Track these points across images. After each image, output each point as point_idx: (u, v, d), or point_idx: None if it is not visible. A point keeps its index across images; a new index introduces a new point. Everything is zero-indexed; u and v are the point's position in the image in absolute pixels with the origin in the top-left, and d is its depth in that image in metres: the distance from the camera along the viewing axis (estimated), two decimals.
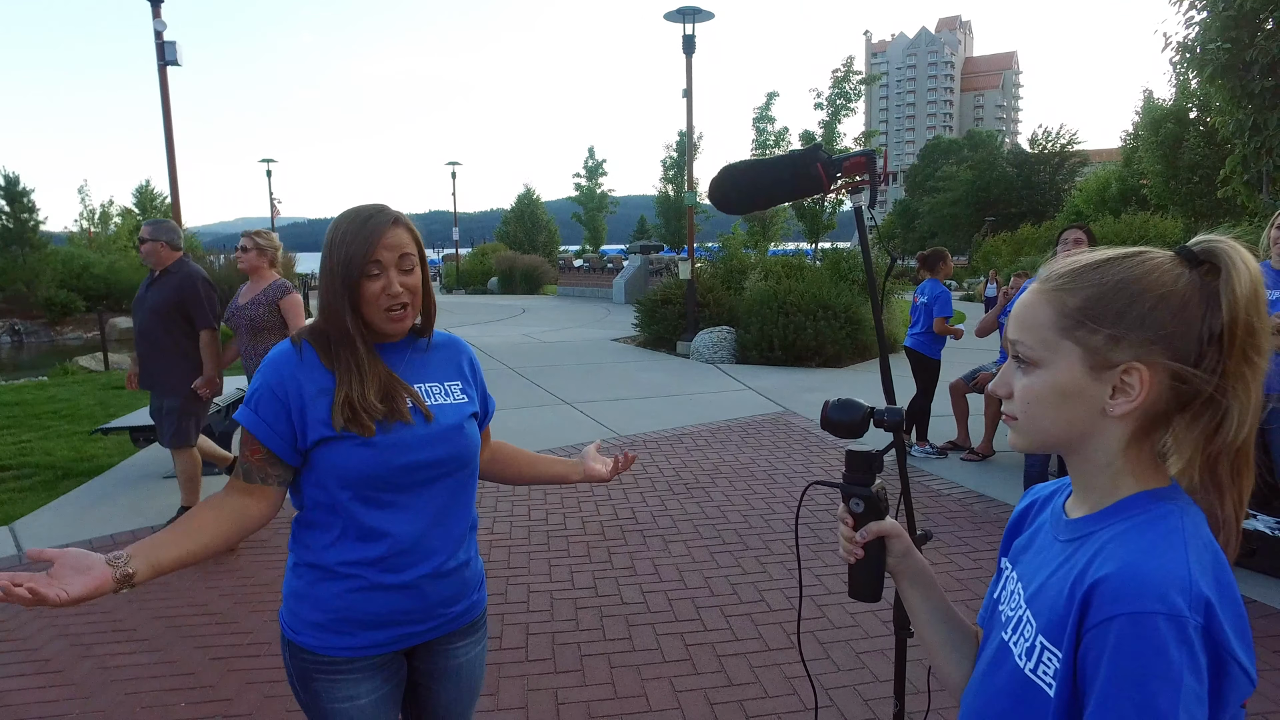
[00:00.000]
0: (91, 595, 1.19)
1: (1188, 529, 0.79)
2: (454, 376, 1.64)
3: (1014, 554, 0.99)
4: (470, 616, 1.65)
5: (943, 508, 5.01)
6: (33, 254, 29.75)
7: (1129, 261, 0.83)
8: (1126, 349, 0.81)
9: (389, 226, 1.48)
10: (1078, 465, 0.89)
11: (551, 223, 47.17)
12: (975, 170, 46.75)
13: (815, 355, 10.99)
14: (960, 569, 4.02)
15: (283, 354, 1.49)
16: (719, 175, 1.45)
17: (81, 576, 1.19)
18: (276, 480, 1.48)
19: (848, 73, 18.43)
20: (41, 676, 3.22)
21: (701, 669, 3.10)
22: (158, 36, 9.34)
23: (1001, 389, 0.91)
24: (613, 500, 5.20)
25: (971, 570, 4.01)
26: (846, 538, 1.09)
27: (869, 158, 1.29)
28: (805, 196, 1.36)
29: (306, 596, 1.50)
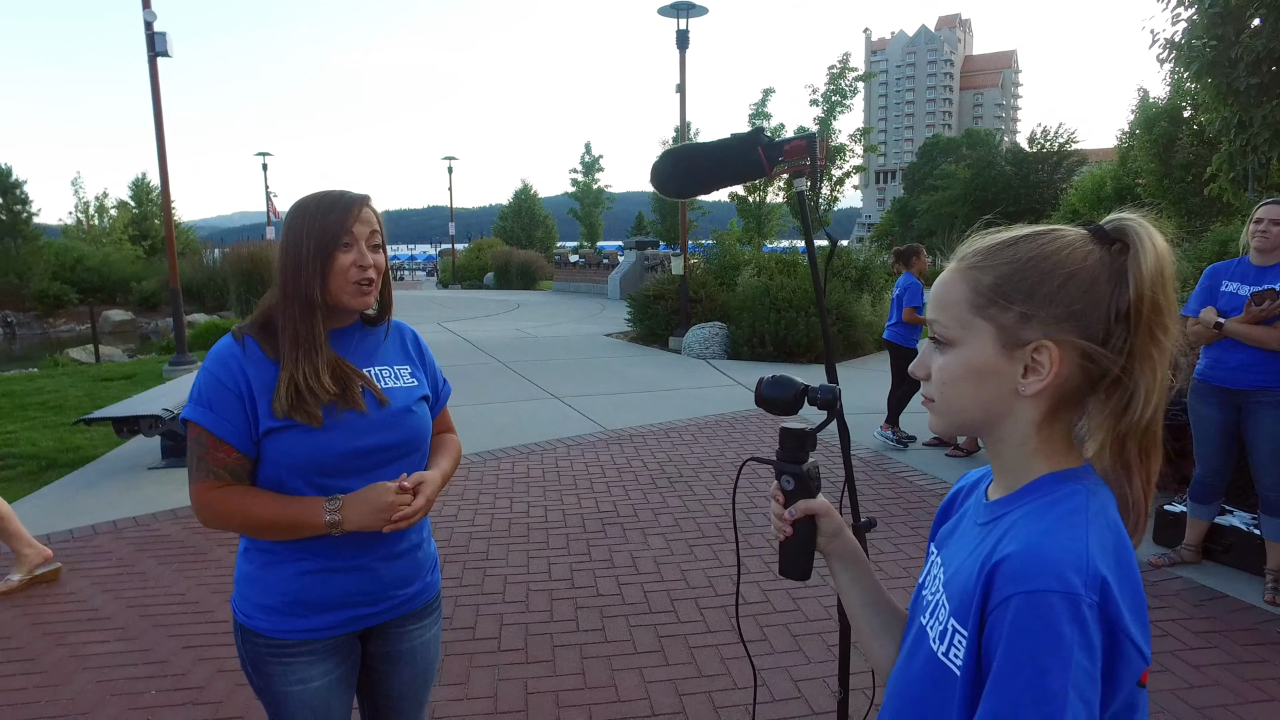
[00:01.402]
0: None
1: (1091, 509, 0.79)
2: (402, 360, 1.64)
3: (940, 539, 0.99)
4: (424, 599, 1.65)
5: (925, 503, 5.02)
6: (25, 246, 29.66)
7: (1041, 239, 0.83)
8: (1037, 327, 0.80)
9: (363, 204, 1.49)
10: (994, 446, 0.89)
11: (549, 218, 47.18)
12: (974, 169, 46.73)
13: (806, 351, 10.99)
14: None
15: (226, 348, 1.48)
16: (660, 159, 1.44)
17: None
18: (248, 476, 1.48)
19: (843, 69, 18.40)
20: (13, 664, 3.21)
21: (672, 660, 3.10)
22: (148, 28, 9.30)
23: (920, 370, 0.91)
24: (595, 493, 5.20)
25: None
26: (777, 515, 1.09)
27: (809, 141, 1.29)
28: (747, 180, 1.36)
29: (257, 580, 1.50)
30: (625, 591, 3.73)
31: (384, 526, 1.42)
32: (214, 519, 1.45)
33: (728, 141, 1.35)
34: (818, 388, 1.09)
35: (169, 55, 9.34)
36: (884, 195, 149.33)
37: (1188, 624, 3.38)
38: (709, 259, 14.80)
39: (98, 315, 16.49)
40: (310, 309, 1.46)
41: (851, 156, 19.22)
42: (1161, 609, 3.51)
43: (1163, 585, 3.75)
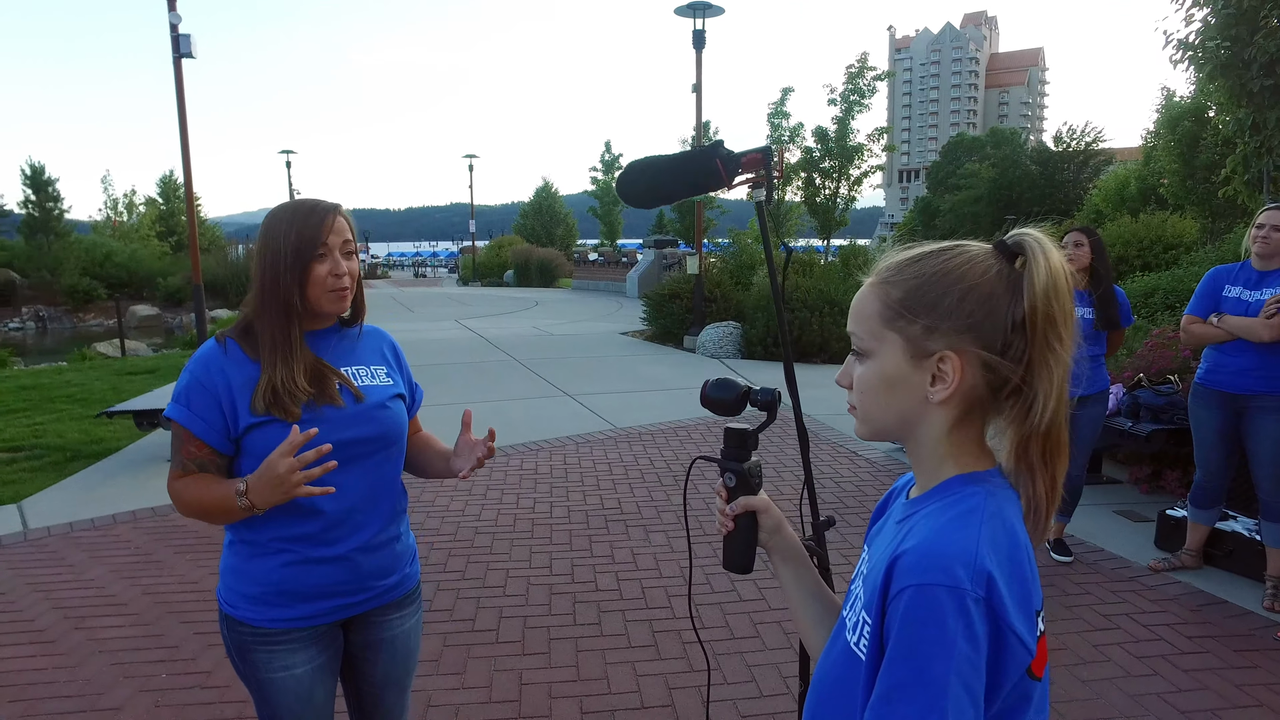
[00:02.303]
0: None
1: (988, 509, 0.84)
2: (378, 361, 1.73)
3: (869, 538, 1.06)
4: (403, 589, 1.73)
5: None
6: (57, 242, 30.26)
7: (945, 255, 0.89)
8: (940, 338, 0.86)
9: (334, 214, 1.58)
10: (912, 450, 0.94)
11: (569, 216, 47.30)
12: (998, 168, 46.28)
13: (820, 351, 11.00)
14: None
15: (208, 351, 1.58)
16: (624, 171, 1.52)
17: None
18: (217, 469, 1.56)
19: (862, 68, 18.34)
20: (34, 646, 3.35)
21: (665, 655, 3.17)
22: (173, 30, 9.50)
23: (842, 380, 0.97)
24: (600, 490, 5.28)
25: None
26: (720, 510, 1.16)
27: (765, 153, 1.35)
28: (707, 191, 1.42)
29: (242, 571, 1.58)
30: (624, 587, 3.80)
31: (294, 492, 1.43)
32: (179, 504, 1.56)
33: (688, 154, 1.42)
34: (759, 390, 1.16)
35: (193, 56, 9.53)
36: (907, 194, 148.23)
37: (1182, 629, 3.39)
38: (724, 258, 14.84)
39: (124, 310, 16.83)
40: (288, 315, 1.55)
41: (870, 156, 19.15)
42: (1158, 613, 3.53)
43: (1161, 590, 3.76)
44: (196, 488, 1.52)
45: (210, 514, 1.52)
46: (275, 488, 1.42)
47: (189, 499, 1.53)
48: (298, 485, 1.43)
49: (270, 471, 1.42)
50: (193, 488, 1.53)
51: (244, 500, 1.45)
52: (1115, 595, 3.71)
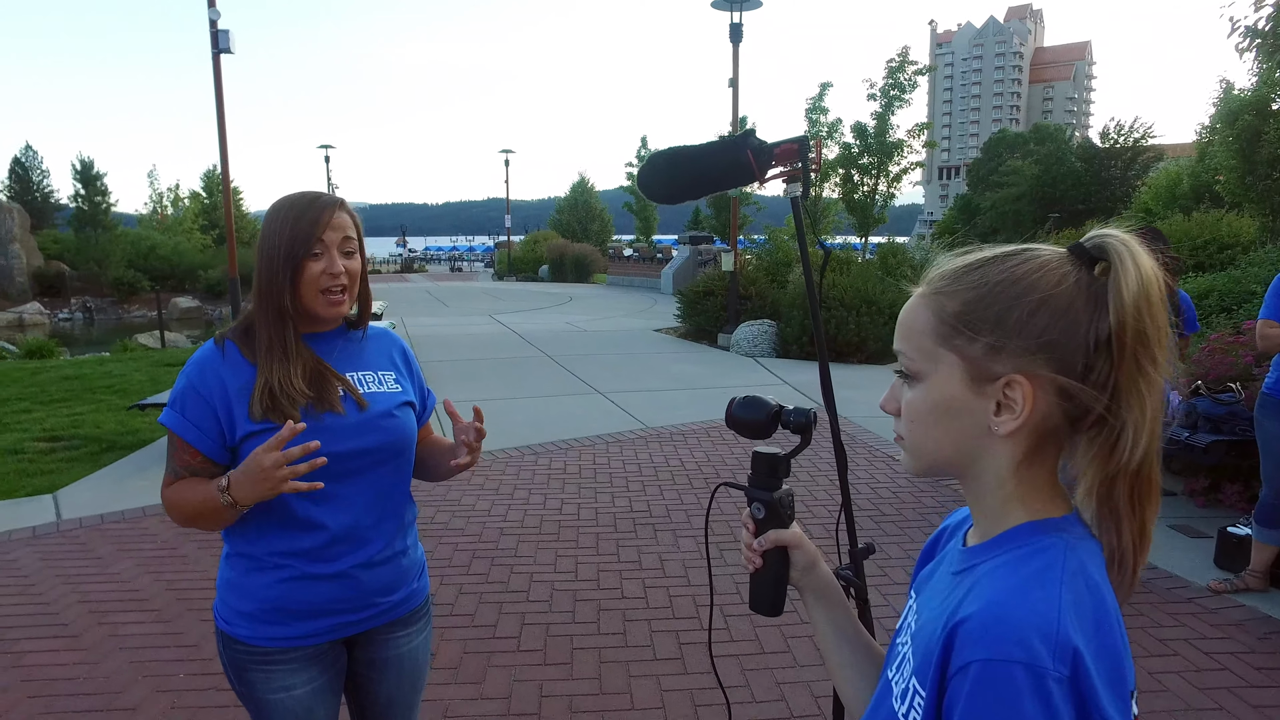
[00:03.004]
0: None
1: (1068, 566, 0.70)
2: (387, 366, 1.62)
3: (918, 583, 0.91)
4: (410, 605, 1.63)
5: None
6: (104, 235, 30.96)
7: (1012, 260, 0.75)
8: (1007, 359, 0.72)
9: (334, 209, 1.47)
10: (970, 489, 0.81)
11: (605, 211, 47.23)
12: (1041, 165, 45.29)
13: (857, 351, 10.77)
14: None
15: (205, 353, 1.48)
16: (645, 163, 1.38)
17: None
18: (211, 478, 1.47)
19: (902, 62, 17.94)
20: (58, 640, 3.34)
21: (691, 668, 3.05)
22: (212, 25, 9.58)
23: (889, 405, 0.84)
24: (629, 492, 5.17)
25: None
26: (746, 544, 1.03)
27: (800, 144, 1.21)
28: (736, 186, 1.29)
29: (238, 586, 1.49)
30: (650, 595, 3.68)
31: (280, 488, 1.34)
32: (170, 511, 1.47)
33: (715, 145, 1.28)
34: (792, 410, 1.03)
35: (231, 52, 9.60)
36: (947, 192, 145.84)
37: (1248, 658, 3.17)
38: (760, 255, 14.63)
39: (166, 302, 17.13)
40: (281, 316, 1.46)
41: (909, 152, 18.74)
42: (1221, 640, 3.31)
43: (1223, 614, 3.54)
44: (184, 490, 1.44)
45: (200, 516, 1.43)
46: (259, 482, 1.32)
47: (178, 502, 1.45)
48: (283, 481, 1.32)
49: (254, 464, 1.32)
50: (181, 491, 1.45)
51: (226, 496, 1.36)
52: (1172, 618, 3.49)
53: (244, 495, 1.35)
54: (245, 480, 1.34)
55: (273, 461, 1.31)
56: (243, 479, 1.34)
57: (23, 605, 3.65)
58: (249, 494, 1.35)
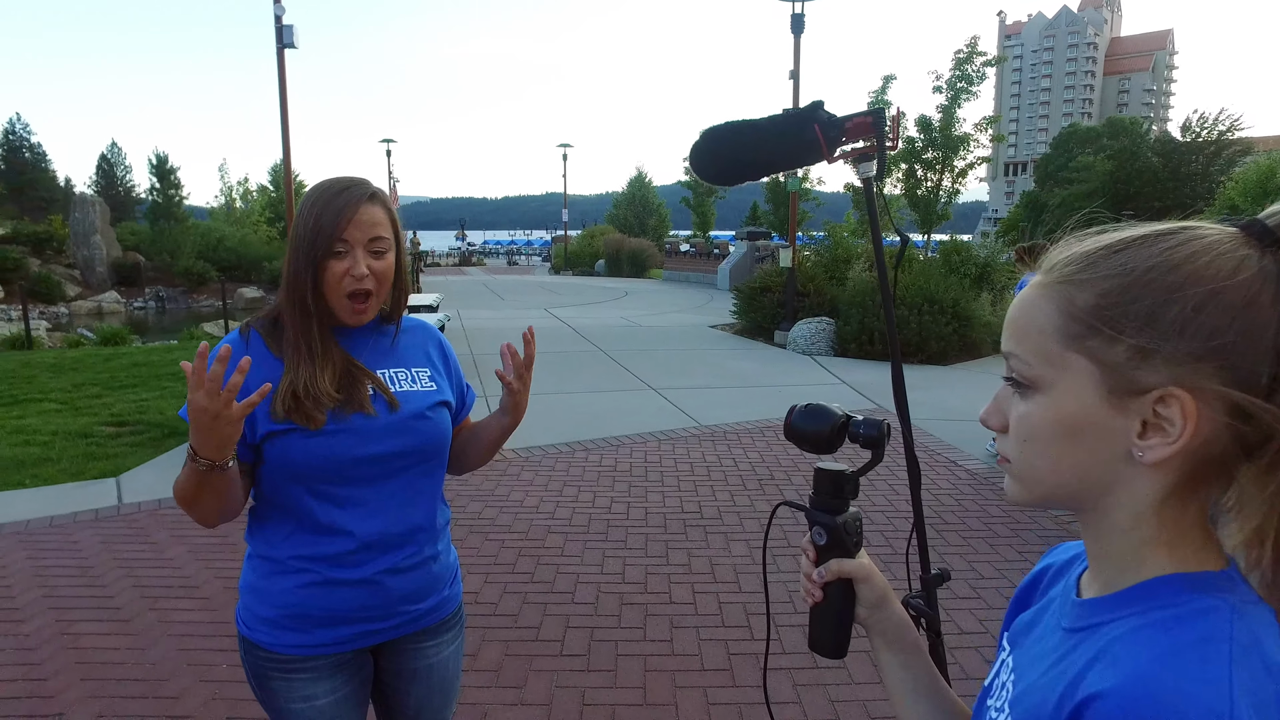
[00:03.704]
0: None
1: (1238, 637, 0.54)
2: (422, 363, 1.52)
3: (1015, 633, 0.75)
4: (440, 614, 1.53)
5: (1035, 524, 4.60)
6: (177, 227, 32.06)
7: (1166, 241, 0.58)
8: (1161, 367, 0.56)
9: (362, 202, 1.36)
10: (1093, 527, 0.64)
11: (662, 207, 47.08)
12: (1115, 160, 43.60)
13: (918, 351, 10.44)
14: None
15: (229, 343, 1.40)
16: (699, 139, 1.24)
17: None
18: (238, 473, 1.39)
19: (971, 53, 17.36)
20: (110, 624, 3.37)
21: (741, 681, 2.91)
22: (277, 21, 9.75)
23: (993, 419, 0.68)
24: (680, 492, 5.04)
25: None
26: (805, 574, 0.89)
27: (875, 118, 1.06)
28: (801, 165, 1.15)
29: (259, 591, 1.42)
30: (699, 601, 3.55)
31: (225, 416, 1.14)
32: (178, 502, 1.34)
33: (779, 118, 1.13)
34: (861, 421, 0.89)
35: (295, 47, 9.75)
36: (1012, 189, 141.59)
37: None
38: (819, 251, 14.33)
39: (232, 292, 17.60)
40: (306, 313, 1.36)
41: (976, 147, 18.13)
42: None
43: None
44: (184, 484, 1.29)
45: (196, 497, 1.27)
46: (204, 426, 1.14)
47: (179, 491, 1.30)
48: (225, 407, 1.13)
49: (191, 408, 1.14)
50: (182, 485, 1.29)
51: (190, 456, 1.21)
52: None
53: (200, 443, 1.18)
54: (194, 429, 1.17)
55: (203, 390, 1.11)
56: (193, 430, 1.18)
57: (81, 587, 3.71)
58: (204, 441, 1.17)
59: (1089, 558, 0.67)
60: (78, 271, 28.14)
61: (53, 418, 7.02)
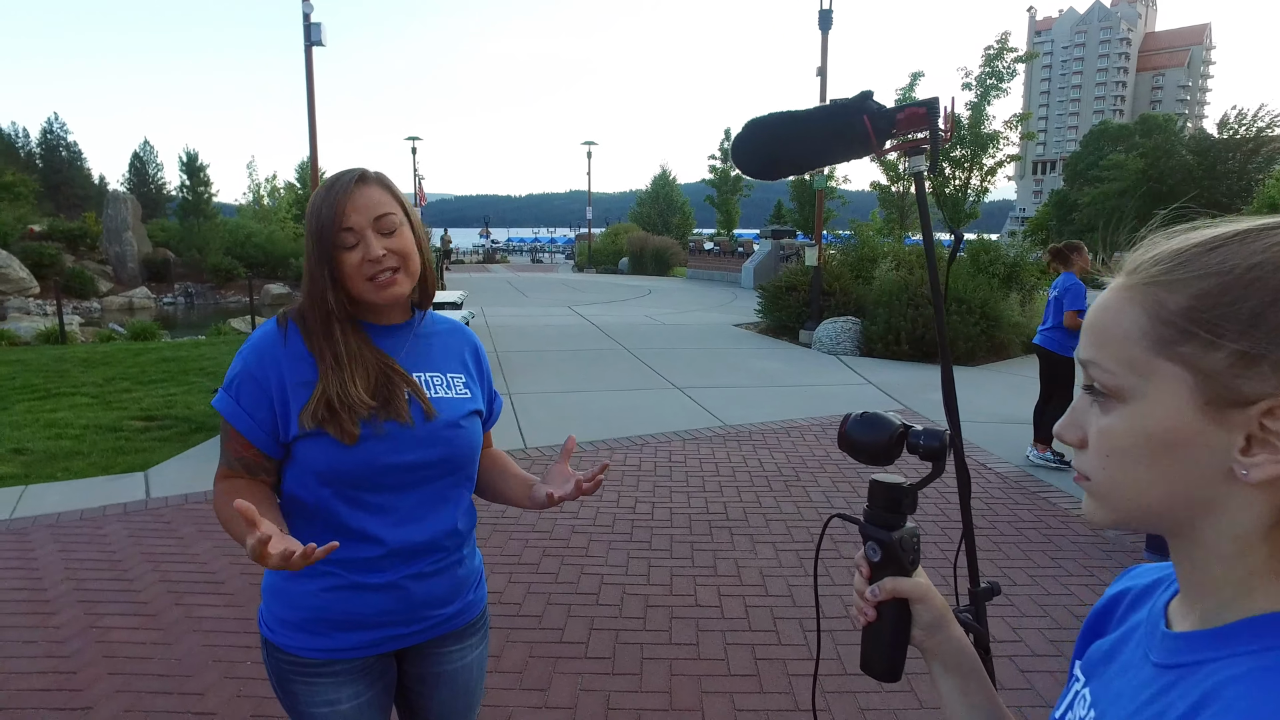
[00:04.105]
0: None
1: None
2: (457, 368, 1.48)
3: (1090, 662, 0.69)
4: (465, 618, 1.50)
5: (1069, 530, 4.50)
6: (206, 224, 32.45)
7: (1266, 237, 0.53)
8: (1269, 375, 0.51)
9: (355, 187, 1.32)
10: (1187, 553, 0.58)
11: (686, 205, 46.98)
12: (1147, 158, 42.84)
13: None
14: (1082, 604, 3.57)
15: (266, 335, 1.36)
16: (741, 131, 1.18)
17: None
18: (265, 472, 1.37)
19: (1001, 49, 17.12)
20: (137, 618, 3.39)
21: (768, 687, 2.86)
22: (305, 19, 9.80)
23: (1071, 433, 0.61)
24: (705, 492, 4.99)
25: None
26: (858, 591, 0.84)
27: (928, 110, 1.00)
28: (848, 159, 1.09)
29: (281, 592, 1.39)
30: (725, 604, 3.50)
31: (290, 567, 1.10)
32: (215, 509, 1.36)
33: (826, 110, 1.07)
34: (921, 432, 0.83)
35: (323, 44, 9.81)
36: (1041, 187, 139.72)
37: None
38: (844, 250, 14.19)
39: (258, 289, 17.77)
40: (328, 314, 1.33)
41: (1006, 144, 17.88)
42: None
43: None
44: (229, 496, 1.29)
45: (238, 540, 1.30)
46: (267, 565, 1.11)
47: (221, 507, 1.32)
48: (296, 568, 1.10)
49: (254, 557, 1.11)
50: (227, 494, 1.31)
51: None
52: None
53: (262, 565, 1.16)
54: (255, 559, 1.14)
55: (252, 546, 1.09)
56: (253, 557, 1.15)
57: (110, 581, 3.73)
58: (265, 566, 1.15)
59: (1182, 585, 0.61)
60: (110, 267, 28.59)
61: (84, 411, 7.11)
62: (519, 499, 1.50)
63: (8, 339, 13.39)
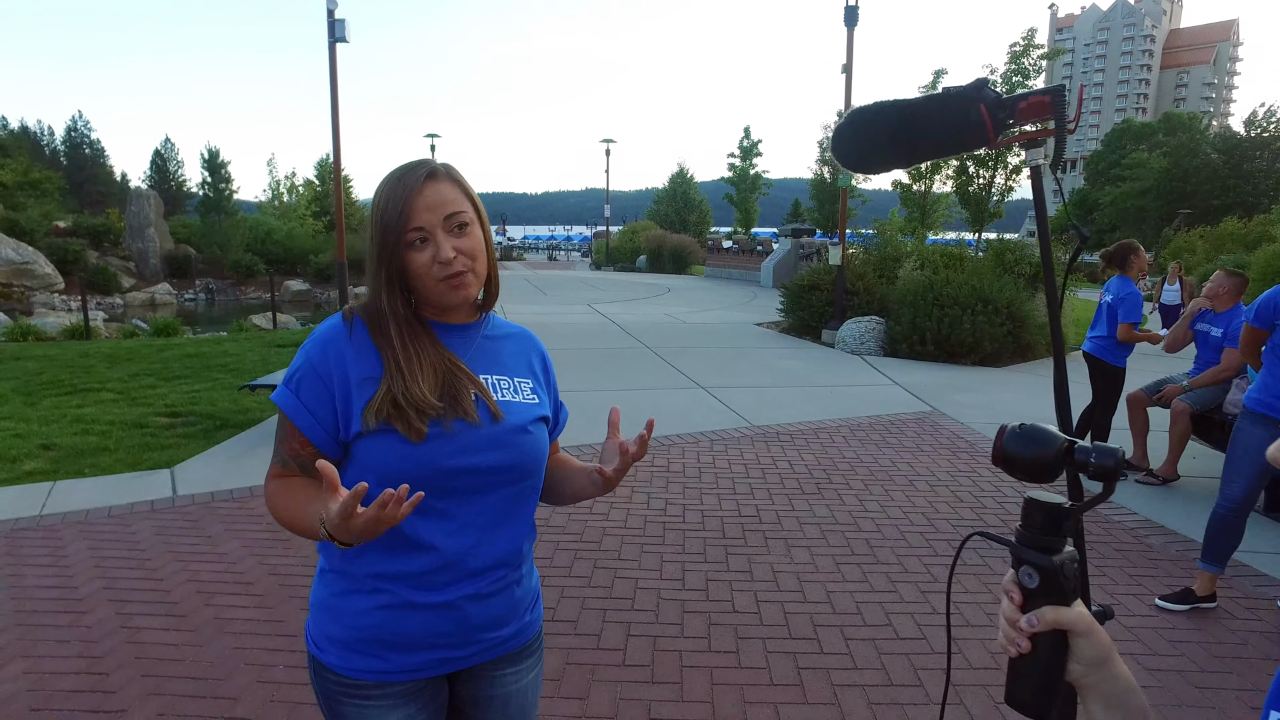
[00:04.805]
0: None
1: None
2: (524, 373, 1.42)
3: None
4: (521, 640, 1.43)
5: (1112, 537, 4.39)
6: (226, 220, 32.68)
7: None
8: None
9: (424, 183, 1.24)
10: None
11: (704, 203, 46.86)
12: (1171, 157, 42.25)
13: (971, 352, 10.17)
14: (1130, 614, 3.46)
15: (331, 329, 1.30)
16: (844, 122, 1.10)
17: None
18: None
19: (1027, 47, 16.93)
20: (169, 619, 3.35)
21: (813, 698, 2.78)
22: (329, 15, 9.79)
23: None
24: (736, 494, 4.91)
25: (1145, 619, 3.43)
26: (1009, 619, 0.77)
27: (1054, 97, 0.92)
28: (962, 151, 1.01)
29: (332, 609, 1.32)
30: (763, 610, 3.42)
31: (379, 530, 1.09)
32: (270, 508, 1.30)
33: (937, 99, 1.00)
34: (1090, 447, 0.76)
35: (346, 40, 9.79)
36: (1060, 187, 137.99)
37: None
38: (869, 249, 14.06)
39: (279, 285, 17.85)
40: (393, 316, 1.27)
41: None
42: None
43: None
44: (287, 498, 1.27)
45: (299, 533, 1.26)
46: (352, 533, 1.09)
47: (279, 508, 1.28)
48: (385, 524, 1.08)
49: (341, 520, 1.08)
50: (283, 497, 1.27)
51: (324, 531, 1.15)
52: None
53: (344, 537, 1.12)
54: (340, 531, 1.11)
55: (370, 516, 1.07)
56: (338, 529, 1.11)
57: (140, 581, 3.70)
58: (348, 540, 1.13)
59: None
60: (132, 264, 28.85)
61: (110, 407, 7.12)
62: (587, 490, 1.44)
63: (34, 334, 13.50)
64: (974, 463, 5.66)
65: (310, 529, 1.20)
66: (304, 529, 1.23)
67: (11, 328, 14.19)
